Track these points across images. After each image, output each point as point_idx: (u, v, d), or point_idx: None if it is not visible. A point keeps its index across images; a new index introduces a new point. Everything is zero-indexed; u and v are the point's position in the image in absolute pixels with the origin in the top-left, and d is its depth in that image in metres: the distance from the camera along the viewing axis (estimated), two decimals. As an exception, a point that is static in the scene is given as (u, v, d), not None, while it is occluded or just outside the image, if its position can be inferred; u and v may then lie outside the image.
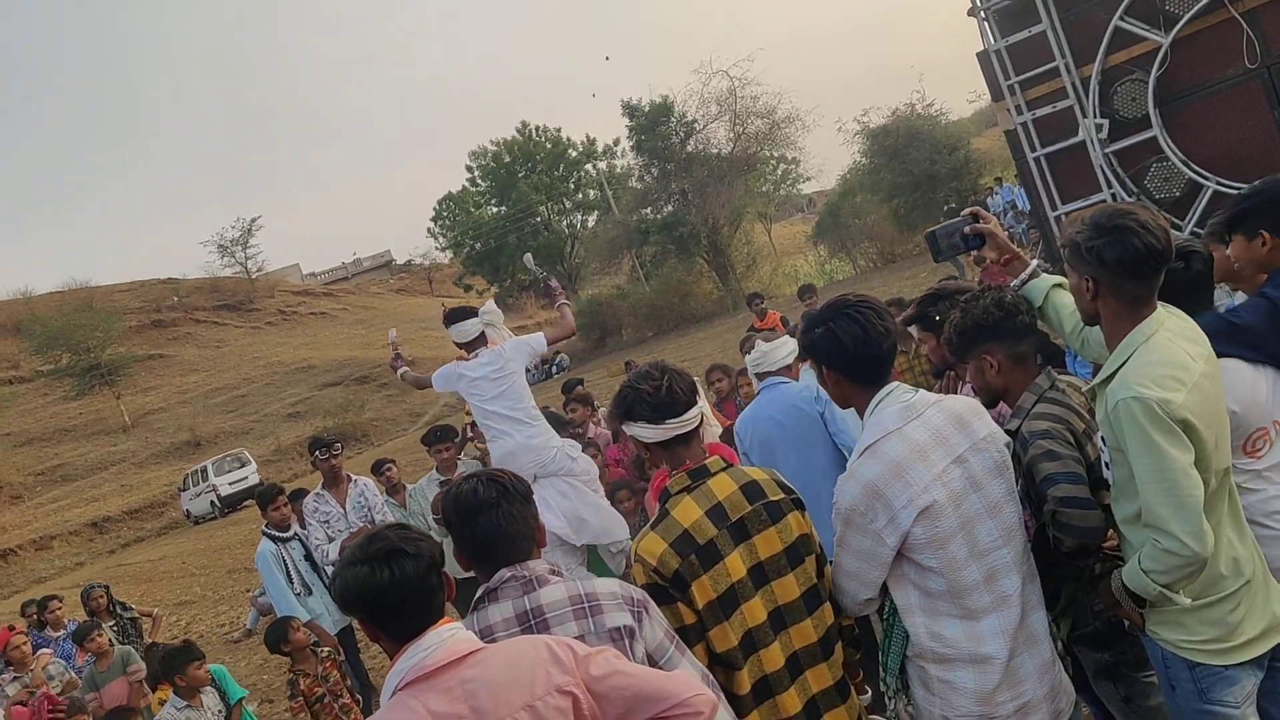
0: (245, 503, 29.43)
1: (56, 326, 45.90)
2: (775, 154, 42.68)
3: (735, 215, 41.15)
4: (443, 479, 7.32)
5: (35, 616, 9.51)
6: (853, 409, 2.76)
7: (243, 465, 32.15)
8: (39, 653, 8.05)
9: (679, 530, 2.56)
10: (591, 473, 6.08)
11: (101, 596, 8.89)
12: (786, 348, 4.89)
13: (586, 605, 2.32)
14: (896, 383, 2.66)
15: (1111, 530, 2.70)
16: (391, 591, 2.07)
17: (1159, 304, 2.52)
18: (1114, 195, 7.37)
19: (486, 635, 2.26)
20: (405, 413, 40.75)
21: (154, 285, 65.33)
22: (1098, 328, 2.66)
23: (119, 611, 9.03)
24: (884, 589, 2.69)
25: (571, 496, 5.84)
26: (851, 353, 2.62)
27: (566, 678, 2.04)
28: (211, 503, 31.42)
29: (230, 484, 31.31)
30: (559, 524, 5.65)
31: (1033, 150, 7.88)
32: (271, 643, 6.17)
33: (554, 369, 37.44)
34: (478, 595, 2.39)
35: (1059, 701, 2.68)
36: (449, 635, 2.10)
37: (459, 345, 6.28)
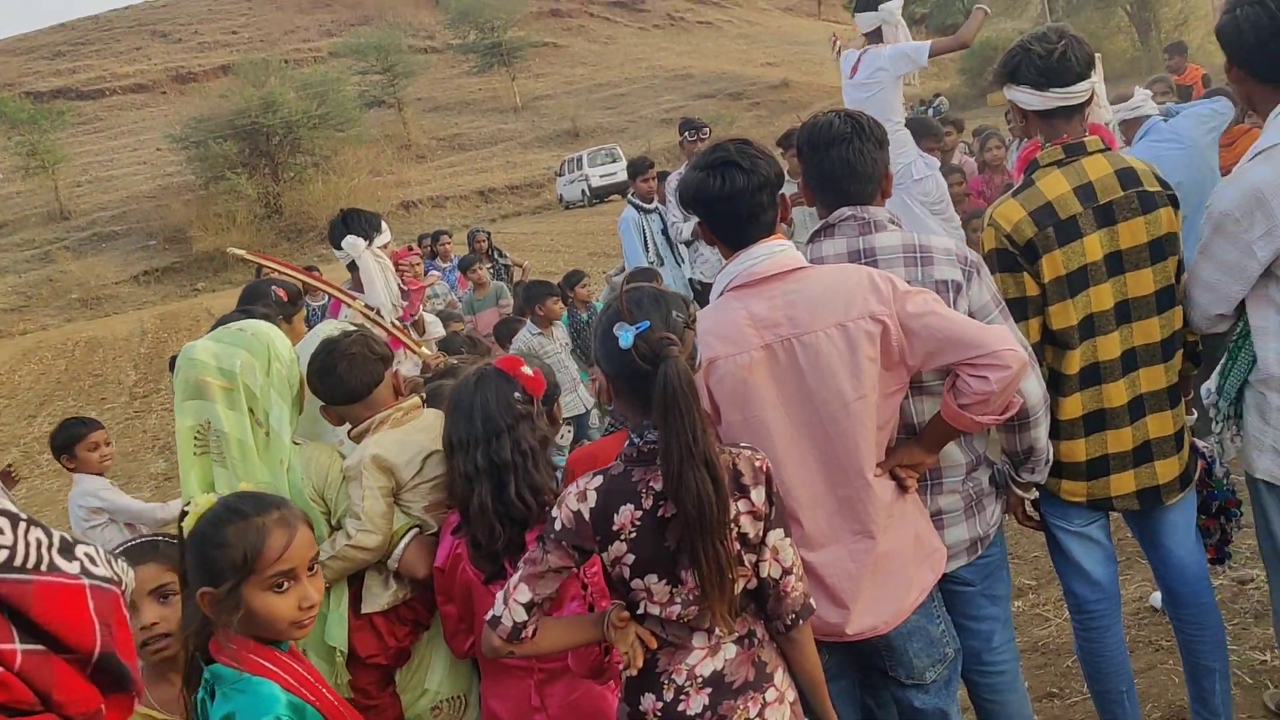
0: (612, 196, 31.08)
1: (469, 2, 48.92)
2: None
3: (1176, -37, 35.82)
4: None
5: (429, 247, 10.89)
6: None
7: (614, 160, 33.56)
8: (429, 273, 9.27)
9: (1042, 201, 2.52)
10: (938, 196, 5.89)
11: (483, 240, 10.00)
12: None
13: (919, 255, 2.37)
14: None
15: None
16: (721, 199, 2.23)
17: None
18: None
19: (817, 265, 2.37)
20: (772, 134, 40.16)
21: (558, -27, 67.41)
22: None
23: (496, 256, 10.13)
24: (1239, 308, 2.54)
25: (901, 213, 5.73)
26: (1254, 44, 2.37)
27: (882, 307, 2.14)
28: (583, 191, 33.38)
29: (601, 176, 32.93)
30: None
31: None
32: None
33: (931, 111, 35.57)
34: (814, 230, 2.50)
35: None
36: (779, 250, 2.25)
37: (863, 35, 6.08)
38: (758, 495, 1.94)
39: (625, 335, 1.86)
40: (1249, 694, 3.28)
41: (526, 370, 2.38)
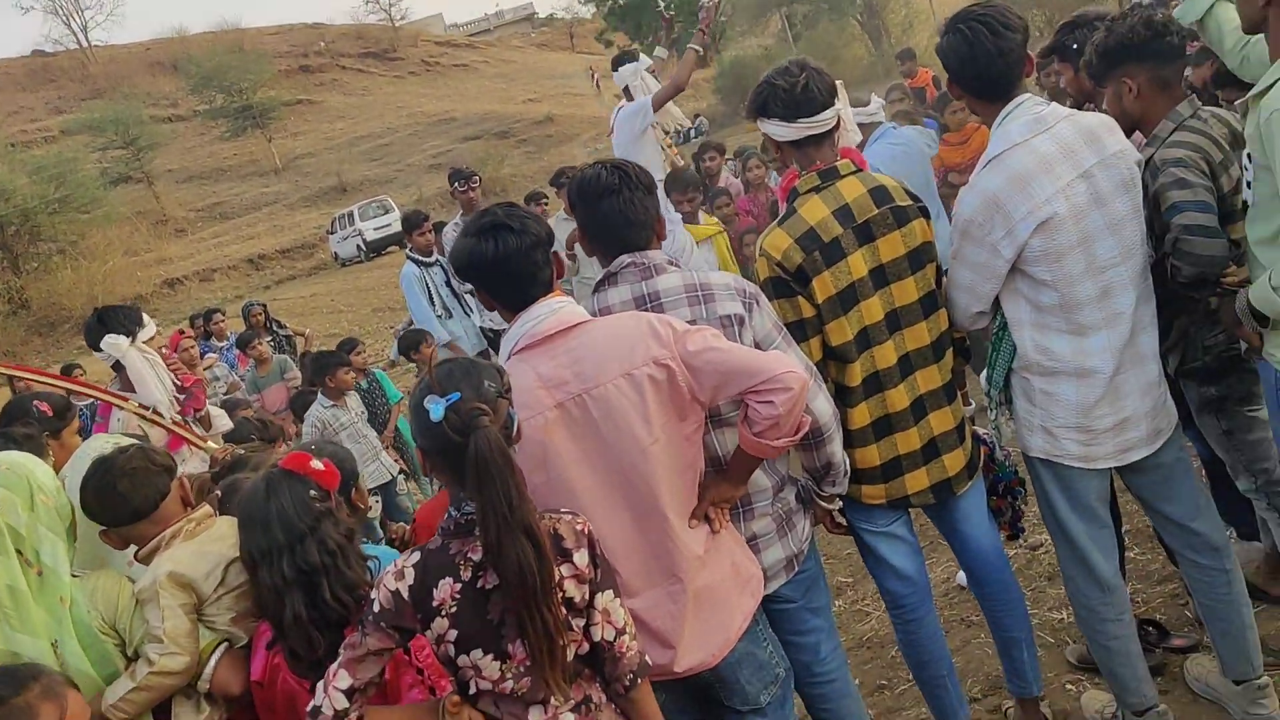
0: (389, 249, 30.51)
1: (210, 66, 46.88)
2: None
3: (895, -27, 38.55)
4: (566, 217, 7.50)
5: (201, 327, 10.35)
6: None
7: (386, 212, 32.97)
8: (205, 357, 8.82)
9: (805, 227, 2.64)
10: (677, 250, 5.93)
11: (260, 313, 9.61)
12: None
13: (700, 293, 2.45)
14: (1028, 95, 2.61)
15: (1232, 263, 2.65)
16: (496, 262, 2.24)
17: None
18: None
19: (604, 315, 2.41)
20: (542, 169, 40.82)
21: (300, 29, 65.69)
22: (1261, 43, 2.51)
23: (275, 328, 9.75)
24: (995, 304, 2.74)
25: None
26: (958, 67, 2.60)
27: (664, 351, 2.20)
28: (357, 246, 32.55)
29: (375, 229, 32.23)
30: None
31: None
32: (404, 348, 6.66)
33: (693, 133, 36.73)
34: (598, 279, 2.54)
35: (1159, 420, 2.74)
36: (559, 306, 2.27)
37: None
38: (581, 558, 1.94)
39: (436, 408, 1.84)
40: (1051, 653, 3.53)
41: (316, 464, 2.28)
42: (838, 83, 2.80)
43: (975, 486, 2.91)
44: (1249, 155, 2.45)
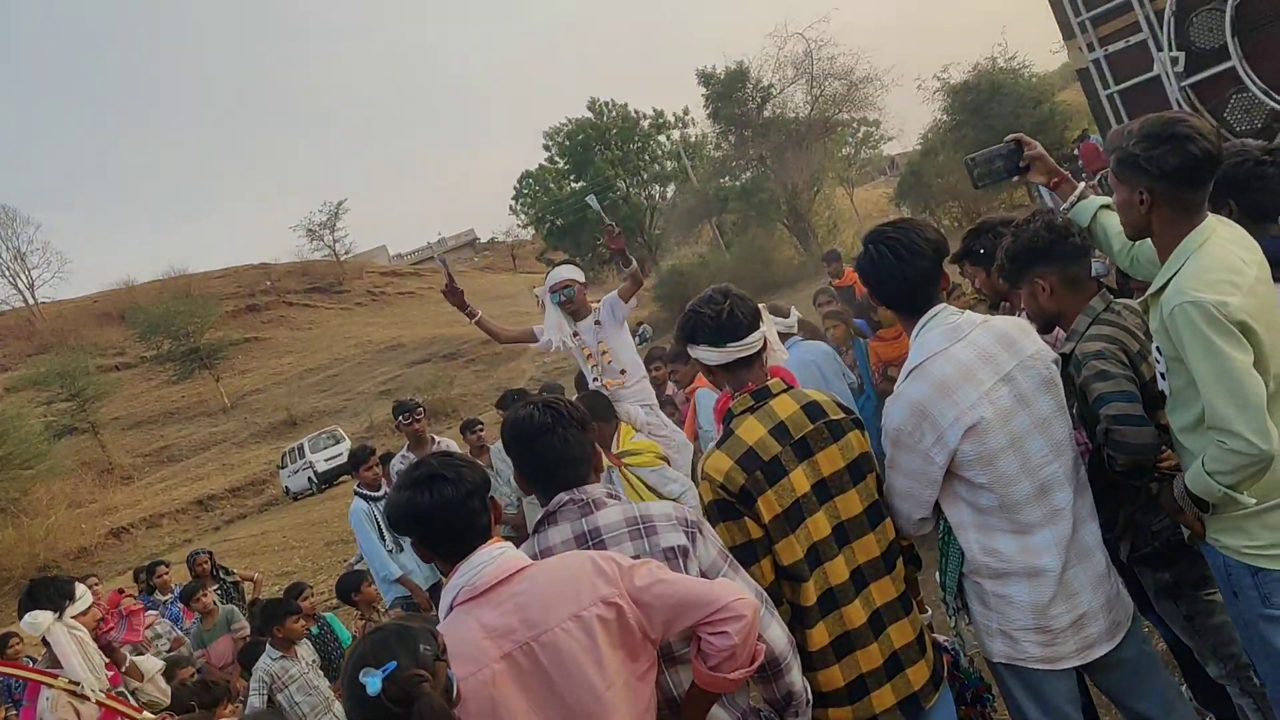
0: (341, 479, 30.21)
1: (158, 314, 47.54)
2: (855, 116, 42.00)
3: (815, 180, 40.63)
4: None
5: (145, 582, 10.01)
6: None
7: (337, 442, 32.90)
8: (146, 614, 8.47)
9: (744, 448, 2.64)
10: (674, 438, 5.85)
11: (205, 561, 9.32)
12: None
13: (642, 526, 2.41)
14: (943, 305, 2.70)
15: (1166, 447, 2.70)
16: (433, 514, 2.20)
17: (1209, 213, 2.51)
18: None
19: (546, 555, 2.36)
20: (492, 387, 41.28)
21: (247, 271, 67.25)
22: (1147, 244, 2.65)
23: (221, 576, 9.45)
24: (937, 509, 2.74)
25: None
26: (873, 287, 2.71)
27: (611, 589, 2.14)
28: (309, 479, 32.24)
29: (326, 460, 32.05)
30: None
31: (1106, 88, 7.69)
32: (343, 592, 6.50)
33: (638, 340, 37.54)
34: (538, 519, 2.50)
35: (1116, 613, 2.71)
36: (498, 553, 2.22)
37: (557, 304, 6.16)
38: None
39: (373, 681, 1.74)
40: None
41: None
42: (760, 306, 2.88)
43: (943, 698, 2.81)
44: (1158, 349, 2.54)
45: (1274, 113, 6.92)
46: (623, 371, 5.84)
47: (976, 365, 2.59)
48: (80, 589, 3.92)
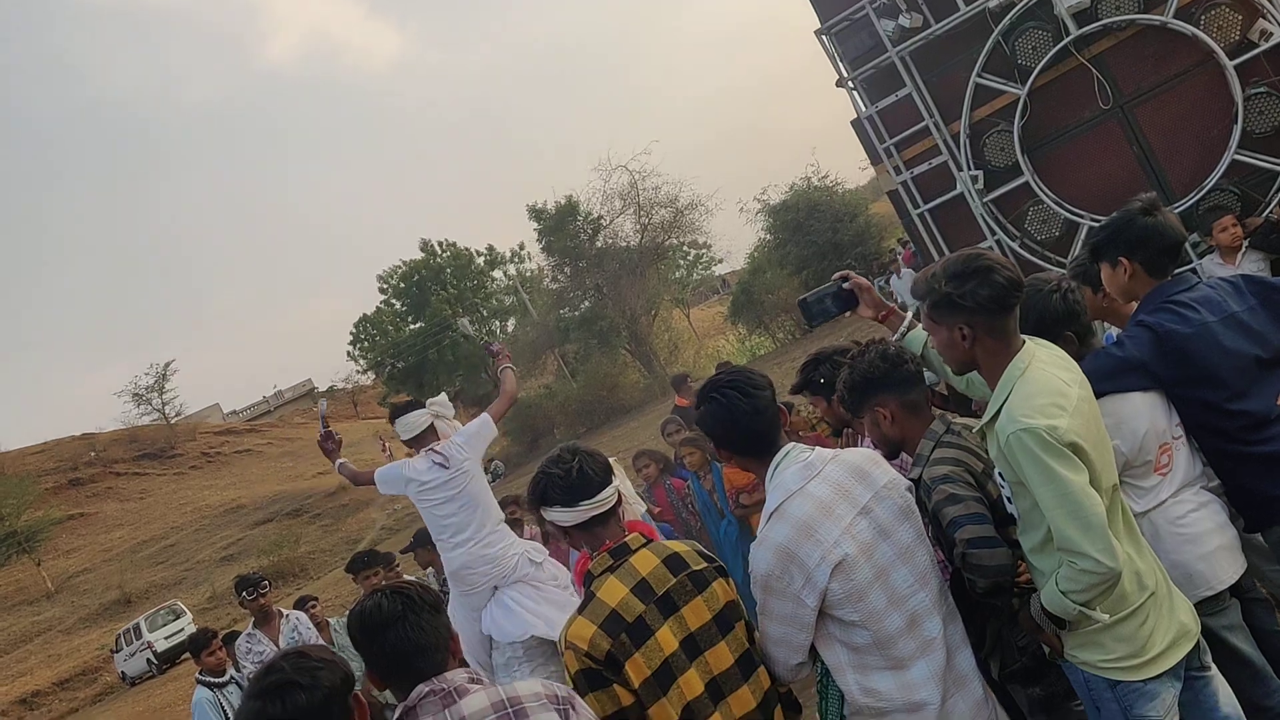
0: (183, 656, 28.22)
1: (-33, 500, 44.16)
2: (684, 240, 43.43)
3: (652, 304, 41.63)
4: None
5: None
6: None
7: (177, 617, 30.92)
8: None
9: (606, 610, 2.55)
10: (560, 577, 5.72)
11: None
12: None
13: (510, 710, 2.28)
14: (792, 444, 2.71)
15: (1023, 564, 2.76)
16: None
17: (1026, 337, 2.63)
18: (998, 241, 7.66)
19: None
20: (342, 541, 39.77)
21: (68, 443, 63.33)
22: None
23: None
24: (813, 652, 2.70)
25: (537, 599, 5.42)
26: (722, 435, 2.72)
27: None
28: (148, 660, 30.05)
29: (166, 638, 29.99)
30: (538, 624, 5.26)
31: (916, 207, 8.17)
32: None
33: (491, 477, 36.91)
34: (396, 715, 2.34)
35: (997, 739, 2.70)
36: None
37: (406, 443, 5.82)
38: None
39: None
40: None
41: None
42: (611, 459, 2.83)
43: None
44: (999, 474, 2.61)
45: (1068, 221, 7.47)
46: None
47: (834, 501, 2.59)
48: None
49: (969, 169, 7.74)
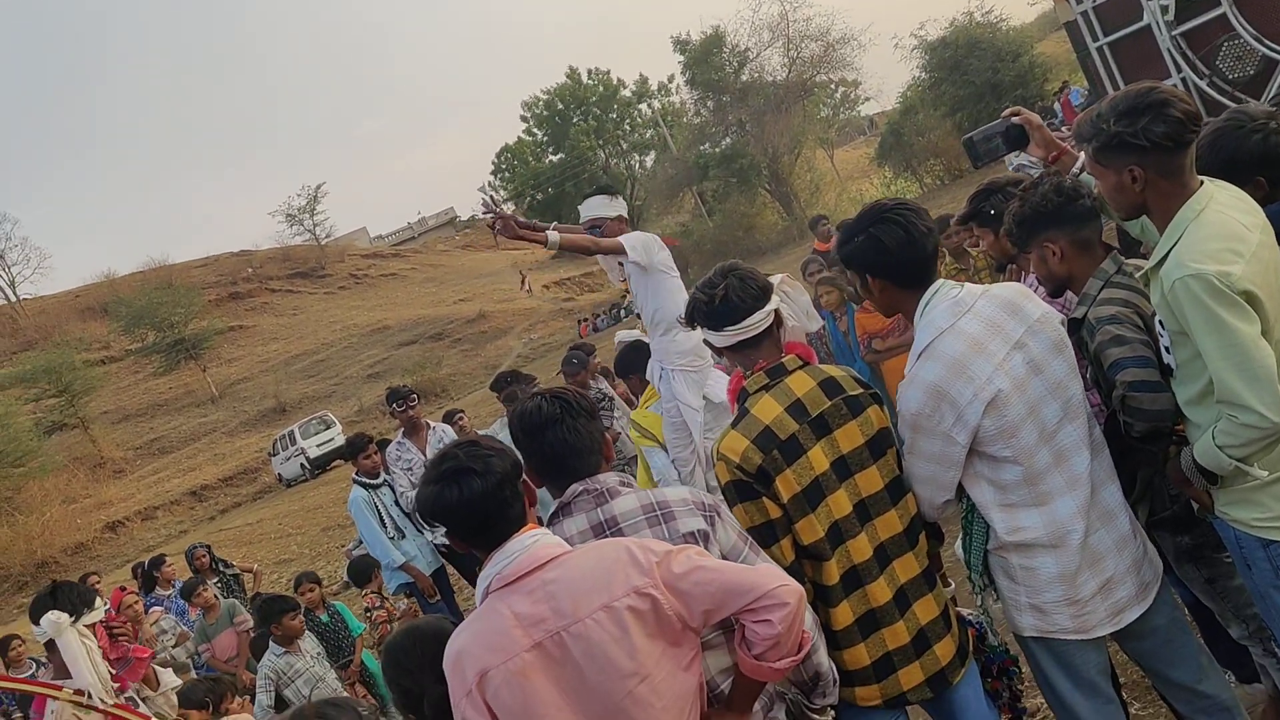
0: (334, 463, 30.15)
1: (140, 306, 47.24)
2: (833, 77, 41.83)
3: (795, 143, 40.58)
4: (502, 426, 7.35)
5: (145, 577, 9.95)
6: None
7: (328, 427, 32.83)
8: (150, 610, 8.43)
9: (760, 427, 2.58)
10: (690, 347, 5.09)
11: (204, 556, 9.28)
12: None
13: (659, 513, 2.36)
14: (941, 280, 2.64)
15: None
16: (462, 508, 2.15)
17: (1205, 179, 2.44)
18: (1184, 79, 7.09)
19: None
20: (481, 366, 41.28)
21: (228, 259, 66.79)
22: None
23: (221, 569, 9.42)
24: (959, 490, 2.69)
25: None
26: (896, 256, 2.62)
27: (645, 579, 2.08)
28: (301, 465, 32.18)
29: (318, 446, 31.98)
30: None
31: (1095, 40, 7.59)
32: (357, 582, 6.55)
33: (622, 312, 37.49)
34: (552, 510, 2.45)
35: (1144, 574, 2.68)
36: (532, 541, 2.17)
37: (620, 222, 5.19)
38: None
39: None
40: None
41: None
42: (777, 278, 2.81)
43: (970, 673, 2.77)
44: (1161, 322, 2.47)
45: (1266, 59, 6.84)
46: (637, 316, 5.38)
47: (986, 337, 2.53)
48: (98, 601, 3.91)
49: (1159, -2, 7.12)
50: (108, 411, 46.50)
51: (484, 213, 4.79)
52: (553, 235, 4.75)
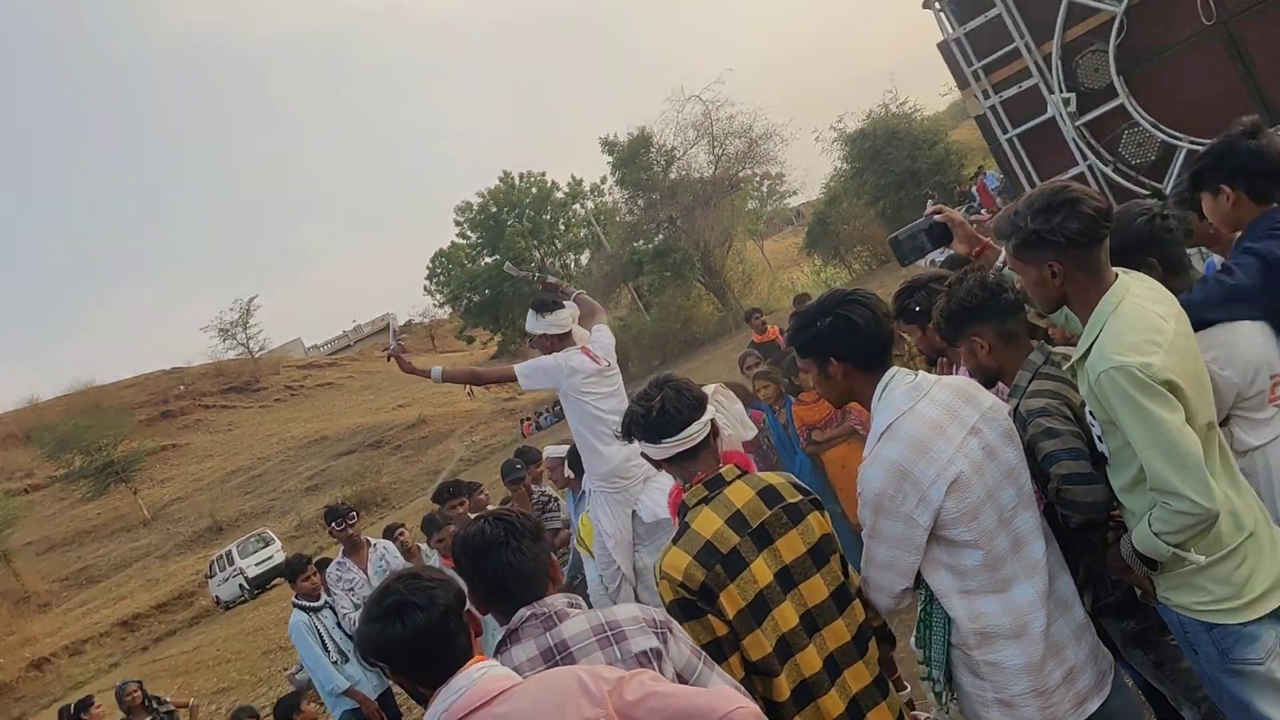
0: (274, 582, 29.32)
1: (66, 430, 45.97)
2: (758, 171, 42.84)
3: (725, 236, 41.23)
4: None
5: (73, 720, 9.45)
6: None
7: (267, 544, 32.03)
8: (80, 760, 8.01)
9: (701, 542, 2.56)
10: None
11: (135, 692, 8.88)
12: None
13: (610, 633, 2.32)
14: (896, 367, 2.67)
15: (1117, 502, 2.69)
16: (406, 645, 2.09)
17: (1120, 270, 2.53)
18: (1090, 167, 7.40)
19: None
20: (422, 472, 40.67)
21: (159, 377, 65.48)
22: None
23: (154, 706, 9.00)
24: (917, 580, 2.68)
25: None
26: (865, 335, 2.63)
27: (597, 710, 2.02)
28: (240, 585, 31.22)
29: (257, 564, 31.12)
30: None
31: (1005, 132, 7.93)
32: (281, 715, 6.28)
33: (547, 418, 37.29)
34: (500, 639, 2.39)
35: (1100, 663, 2.68)
36: (479, 674, 2.10)
37: (549, 339, 5.29)
38: None
39: None
40: None
41: None
42: (710, 388, 2.82)
43: (930, 778, 2.74)
44: (1090, 413, 2.53)
45: (1165, 145, 7.18)
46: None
47: (944, 420, 2.55)
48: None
49: (1061, 91, 7.46)
50: (31, 542, 44.78)
51: (382, 349, 5.21)
52: (435, 371, 5.11)
